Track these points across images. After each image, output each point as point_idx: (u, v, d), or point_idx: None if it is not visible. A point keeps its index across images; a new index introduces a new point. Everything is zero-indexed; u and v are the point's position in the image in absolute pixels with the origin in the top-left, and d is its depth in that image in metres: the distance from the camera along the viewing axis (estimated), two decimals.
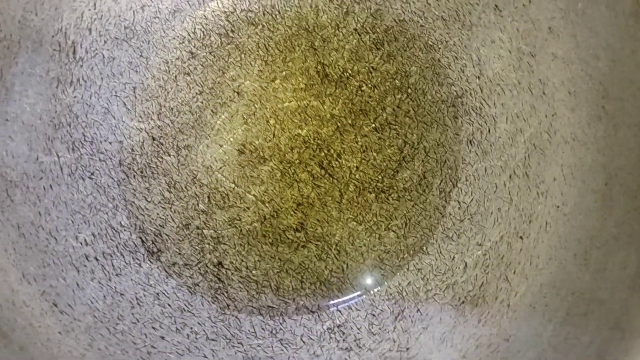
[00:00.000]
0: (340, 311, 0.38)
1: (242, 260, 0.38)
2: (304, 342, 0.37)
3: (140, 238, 0.38)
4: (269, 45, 0.39)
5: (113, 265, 0.37)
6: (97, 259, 0.37)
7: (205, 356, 0.36)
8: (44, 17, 0.36)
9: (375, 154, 0.39)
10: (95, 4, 0.38)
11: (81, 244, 0.37)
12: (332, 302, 0.38)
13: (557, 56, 0.36)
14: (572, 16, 0.34)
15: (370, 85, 0.39)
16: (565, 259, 0.33)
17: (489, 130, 0.38)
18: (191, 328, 0.37)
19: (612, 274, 0.30)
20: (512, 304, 0.35)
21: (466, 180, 0.38)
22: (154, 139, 0.38)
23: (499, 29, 0.38)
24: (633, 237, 0.30)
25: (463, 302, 0.36)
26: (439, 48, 0.39)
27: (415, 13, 0.39)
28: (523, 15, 0.37)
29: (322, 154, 0.39)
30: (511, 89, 0.38)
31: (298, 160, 0.38)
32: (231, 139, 0.38)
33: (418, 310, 0.37)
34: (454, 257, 0.37)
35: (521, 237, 0.36)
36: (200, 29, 0.39)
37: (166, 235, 0.38)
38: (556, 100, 0.36)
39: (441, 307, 0.37)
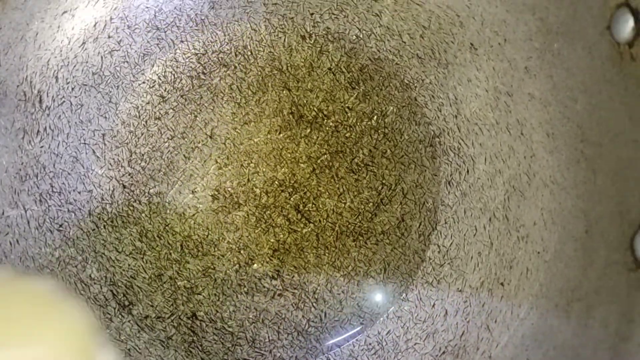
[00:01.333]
0: None
1: (217, 311, 0.37)
2: None
3: (111, 291, 0.37)
4: (241, 86, 0.38)
5: None
6: None
7: None
8: (7, 67, 0.35)
9: (352, 197, 0.38)
10: (61, 51, 0.37)
11: None
12: (310, 353, 0.37)
13: (534, 96, 0.35)
14: (549, 56, 0.34)
15: (346, 126, 0.38)
16: (546, 309, 0.32)
17: (468, 171, 0.37)
18: None
19: (593, 331, 0.29)
20: (494, 356, 0.34)
21: (445, 222, 0.37)
22: (124, 186, 0.37)
23: (475, 67, 0.37)
24: (614, 293, 0.29)
25: (444, 353, 0.35)
26: (415, 86, 0.38)
27: (390, 51, 0.38)
28: (499, 54, 0.36)
29: (298, 196, 0.38)
30: (489, 128, 0.37)
31: (274, 205, 0.37)
32: (204, 184, 0.38)
33: None
34: (434, 304, 0.36)
35: (502, 284, 0.35)
36: (171, 72, 0.38)
37: (138, 287, 0.37)
38: (534, 141, 0.35)
39: (422, 358, 0.35)
